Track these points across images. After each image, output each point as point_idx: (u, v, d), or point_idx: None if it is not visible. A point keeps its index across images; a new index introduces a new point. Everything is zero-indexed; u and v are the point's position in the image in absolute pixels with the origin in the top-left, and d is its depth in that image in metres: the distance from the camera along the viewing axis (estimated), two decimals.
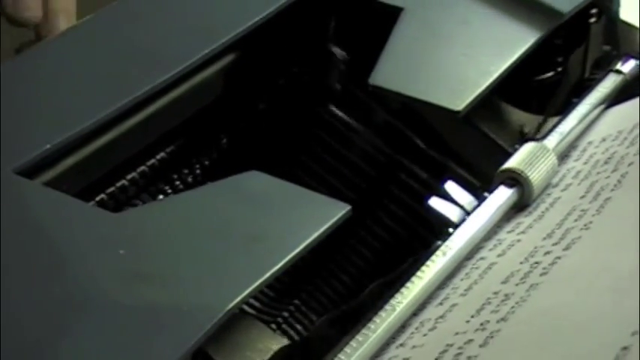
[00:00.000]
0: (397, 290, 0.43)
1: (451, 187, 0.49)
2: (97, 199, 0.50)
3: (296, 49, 0.58)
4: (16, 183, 0.44)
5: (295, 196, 0.45)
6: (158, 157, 0.53)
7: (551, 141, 0.51)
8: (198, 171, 0.55)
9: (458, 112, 0.50)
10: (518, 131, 0.54)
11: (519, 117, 0.55)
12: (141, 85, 0.49)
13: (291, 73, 0.58)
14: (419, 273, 0.44)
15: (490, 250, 0.46)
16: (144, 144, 0.52)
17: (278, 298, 0.54)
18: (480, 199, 0.48)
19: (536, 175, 0.48)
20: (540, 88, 0.58)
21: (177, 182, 0.54)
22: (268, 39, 0.55)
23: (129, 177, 0.52)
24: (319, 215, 0.43)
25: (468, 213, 0.47)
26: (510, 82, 0.53)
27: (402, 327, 0.42)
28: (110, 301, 0.39)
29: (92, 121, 0.47)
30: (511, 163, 0.49)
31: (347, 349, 0.41)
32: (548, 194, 0.49)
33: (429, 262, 0.44)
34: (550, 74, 0.59)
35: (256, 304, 0.53)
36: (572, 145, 0.52)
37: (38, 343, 0.37)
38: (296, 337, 0.52)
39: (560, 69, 0.58)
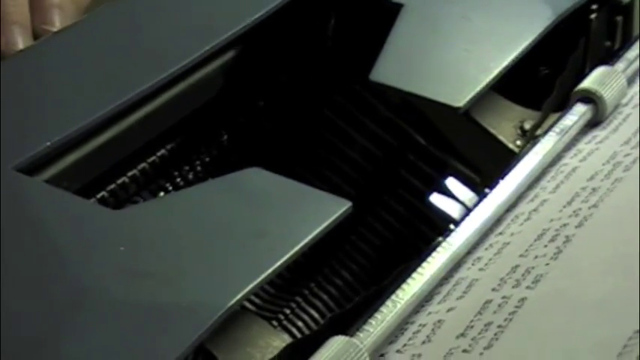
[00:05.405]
0: (486, 194, 0.46)
1: (452, 183, 0.49)
2: (98, 196, 0.50)
3: (296, 45, 0.58)
4: (17, 180, 0.44)
5: (296, 192, 0.45)
6: (159, 154, 0.53)
7: (620, 66, 0.54)
8: (198, 168, 0.55)
9: (458, 109, 0.50)
10: (519, 127, 0.54)
11: (519, 113, 0.55)
12: (141, 83, 0.49)
13: (291, 69, 0.58)
14: (512, 172, 0.47)
15: (571, 157, 0.49)
16: (144, 141, 0.52)
17: (279, 295, 0.54)
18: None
19: (608, 93, 0.51)
20: (541, 83, 0.58)
21: (178, 179, 0.54)
22: (268, 35, 0.55)
23: (129, 174, 0.52)
24: (320, 212, 0.43)
25: (468, 209, 0.47)
26: (511, 78, 0.53)
27: (498, 220, 0.46)
28: (111, 298, 0.39)
29: (92, 119, 0.47)
30: (585, 83, 0.52)
31: (452, 235, 0.43)
32: (620, 112, 0.52)
33: (520, 164, 0.48)
34: (550, 70, 0.59)
35: (257, 300, 0.53)
36: (637, 73, 0.55)
37: (39, 341, 0.37)
38: (297, 334, 0.52)
39: (560, 65, 0.58)
